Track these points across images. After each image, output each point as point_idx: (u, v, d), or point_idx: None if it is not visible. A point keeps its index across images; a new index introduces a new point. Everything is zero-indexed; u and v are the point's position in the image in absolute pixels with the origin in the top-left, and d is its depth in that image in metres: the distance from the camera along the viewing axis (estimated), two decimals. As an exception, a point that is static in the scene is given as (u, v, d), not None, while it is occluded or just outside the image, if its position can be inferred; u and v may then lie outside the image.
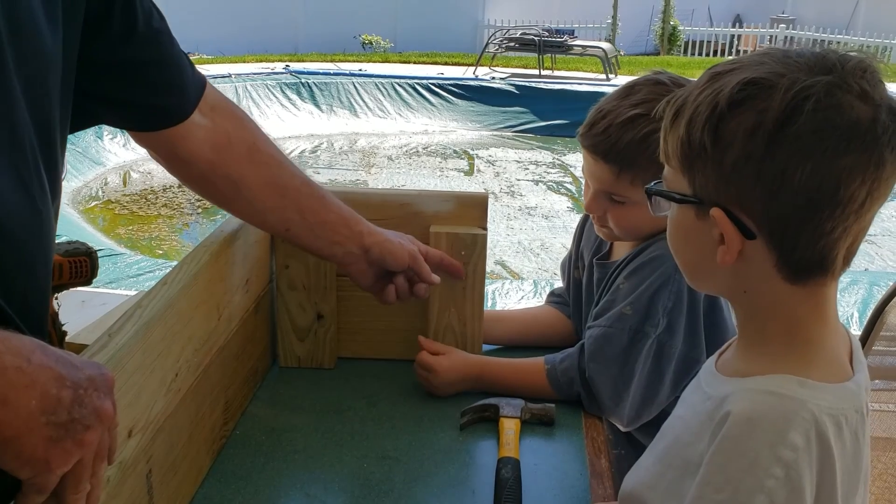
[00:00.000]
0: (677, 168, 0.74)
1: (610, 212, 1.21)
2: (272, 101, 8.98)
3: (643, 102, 1.14)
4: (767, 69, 0.68)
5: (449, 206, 1.29)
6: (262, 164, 1.08)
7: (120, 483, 0.78)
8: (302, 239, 1.15)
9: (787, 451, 0.66)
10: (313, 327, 1.32)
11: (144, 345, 0.83)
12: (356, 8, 13.09)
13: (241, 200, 1.08)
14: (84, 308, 1.58)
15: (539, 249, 5.34)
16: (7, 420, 0.55)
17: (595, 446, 1.13)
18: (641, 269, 1.18)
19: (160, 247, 5.31)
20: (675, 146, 0.73)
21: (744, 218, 0.69)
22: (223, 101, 1.07)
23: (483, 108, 9.35)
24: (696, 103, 0.71)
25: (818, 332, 0.73)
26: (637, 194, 1.16)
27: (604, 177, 1.18)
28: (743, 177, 0.68)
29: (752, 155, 0.67)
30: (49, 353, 0.59)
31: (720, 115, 0.68)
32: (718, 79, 0.71)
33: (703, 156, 0.70)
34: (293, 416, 1.20)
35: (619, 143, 1.14)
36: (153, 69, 0.94)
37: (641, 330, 1.16)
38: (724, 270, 0.73)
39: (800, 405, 0.67)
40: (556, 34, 11.03)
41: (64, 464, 0.59)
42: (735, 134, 0.68)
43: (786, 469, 0.65)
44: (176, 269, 0.98)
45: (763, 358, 0.73)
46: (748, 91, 0.68)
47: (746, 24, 15.44)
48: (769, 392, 0.69)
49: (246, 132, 1.08)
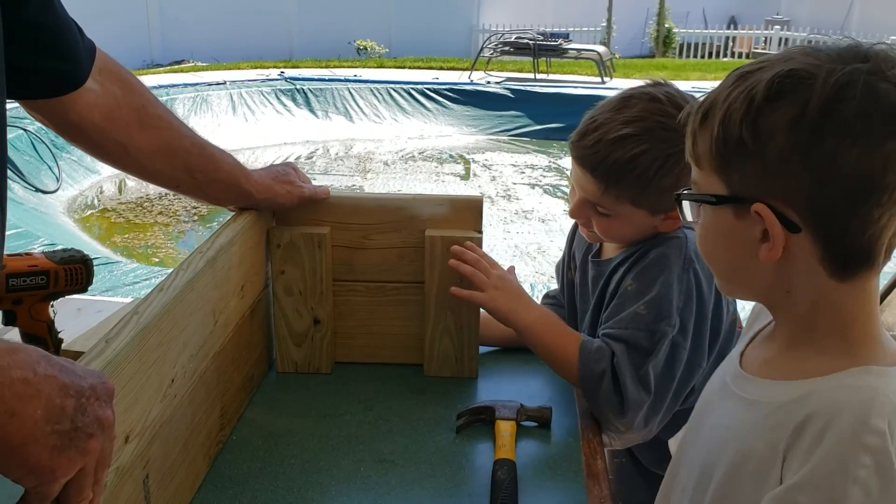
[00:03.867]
0: (710, 169, 0.73)
1: (595, 221, 1.22)
2: (267, 107, 8.98)
3: (636, 121, 1.14)
4: (799, 62, 0.68)
5: (444, 209, 1.29)
6: (152, 126, 1.10)
7: (117, 488, 0.79)
8: (192, 195, 1.22)
9: (871, 437, 0.65)
10: (310, 332, 1.32)
11: (141, 351, 0.84)
12: (350, 14, 13.10)
13: (131, 162, 1.12)
14: (80, 316, 1.57)
15: (536, 253, 5.34)
16: (14, 430, 0.56)
17: (591, 448, 1.13)
18: (650, 270, 1.18)
19: (156, 254, 5.31)
20: (708, 147, 0.72)
21: (788, 212, 0.69)
22: (111, 63, 1.07)
23: (478, 113, 9.36)
24: (727, 102, 0.71)
25: (871, 325, 0.73)
26: (621, 208, 1.17)
27: (590, 189, 1.19)
28: (789, 168, 0.67)
29: (798, 144, 0.67)
30: (53, 362, 0.60)
31: (758, 108, 0.68)
32: (748, 77, 0.71)
33: (742, 151, 0.69)
34: (290, 420, 1.20)
35: (607, 159, 1.14)
36: (48, 34, 0.94)
37: (658, 329, 1.15)
38: (765, 270, 0.72)
39: (874, 392, 0.67)
40: (550, 38, 11.05)
41: (68, 472, 0.60)
42: (777, 126, 0.68)
43: (874, 456, 0.64)
44: (172, 275, 0.99)
45: (823, 357, 0.72)
46: (785, 83, 0.68)
47: (741, 26, 15.49)
48: (843, 387, 0.69)
49: (135, 95, 1.09)
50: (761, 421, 0.73)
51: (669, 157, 1.11)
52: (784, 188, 0.68)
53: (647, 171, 1.13)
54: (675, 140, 1.12)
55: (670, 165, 1.12)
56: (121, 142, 1.08)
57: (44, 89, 0.98)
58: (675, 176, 1.12)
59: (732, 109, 0.70)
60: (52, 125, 1.04)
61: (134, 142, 1.09)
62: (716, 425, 0.81)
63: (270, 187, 1.24)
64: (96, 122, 1.04)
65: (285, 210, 1.28)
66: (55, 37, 0.95)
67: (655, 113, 1.13)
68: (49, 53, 0.95)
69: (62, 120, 1.03)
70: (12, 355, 0.57)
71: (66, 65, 0.98)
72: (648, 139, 1.13)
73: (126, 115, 1.07)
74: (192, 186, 1.17)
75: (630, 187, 1.15)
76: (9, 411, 0.55)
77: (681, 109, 1.13)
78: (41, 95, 0.99)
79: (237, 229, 1.17)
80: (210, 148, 1.18)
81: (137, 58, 11.13)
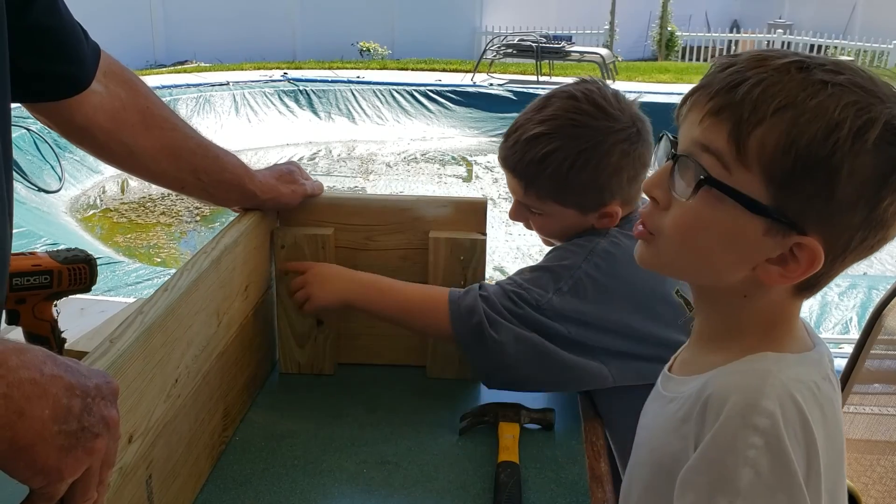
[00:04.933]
0: (757, 172, 0.65)
1: (531, 220, 1.25)
2: (270, 108, 9.00)
3: (549, 119, 1.16)
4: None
5: (448, 211, 1.29)
6: (157, 128, 1.11)
7: (120, 488, 0.79)
8: (196, 196, 1.21)
9: (761, 418, 0.65)
10: (313, 333, 1.32)
11: (145, 351, 0.83)
12: (353, 15, 13.12)
13: (136, 164, 1.12)
14: (83, 315, 1.57)
15: (537, 255, 5.33)
16: (23, 430, 0.56)
17: (594, 450, 1.13)
18: (553, 252, 1.22)
19: (158, 255, 5.31)
20: (773, 150, 0.64)
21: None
22: (115, 65, 1.08)
23: (481, 115, 9.37)
24: (828, 115, 0.62)
25: (792, 322, 0.74)
26: (549, 207, 1.20)
27: (515, 188, 1.22)
28: (853, 217, 0.65)
29: (870, 201, 0.65)
30: (59, 362, 0.60)
31: (861, 148, 0.62)
32: (831, 88, 0.63)
33: (815, 182, 0.63)
34: (293, 421, 1.20)
35: (523, 159, 1.17)
36: (54, 36, 0.94)
37: (532, 298, 1.13)
38: (739, 275, 0.70)
39: (767, 374, 0.67)
40: (553, 40, 11.07)
41: (75, 472, 0.60)
42: (866, 172, 0.63)
43: (764, 436, 0.64)
44: (176, 275, 0.99)
45: (736, 350, 0.72)
46: (886, 135, 0.63)
47: (744, 30, 15.49)
48: (737, 371, 0.69)
49: (139, 97, 1.10)
50: (673, 415, 0.74)
51: (581, 153, 1.14)
52: (834, 229, 0.66)
53: (560, 168, 1.15)
54: (587, 136, 1.15)
55: (582, 162, 1.14)
56: (126, 143, 1.08)
57: (49, 92, 0.98)
58: (590, 171, 1.15)
59: (836, 128, 0.62)
60: (57, 128, 1.04)
61: (139, 143, 1.09)
62: (644, 426, 0.82)
63: (275, 187, 1.24)
64: (101, 125, 1.04)
65: (290, 210, 1.28)
66: (60, 40, 0.95)
67: (570, 111, 1.16)
68: (54, 56, 0.95)
69: (67, 122, 1.03)
70: (20, 355, 0.57)
71: (72, 68, 0.98)
72: (559, 137, 1.15)
73: (131, 116, 1.07)
74: (197, 187, 1.18)
75: (546, 185, 1.17)
76: (17, 411, 0.55)
77: (598, 107, 1.16)
78: (47, 98, 0.99)
79: (242, 230, 1.17)
80: (214, 149, 1.18)
81: (140, 58, 11.15)
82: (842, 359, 1.53)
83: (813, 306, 3.58)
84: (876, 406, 1.57)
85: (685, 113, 0.71)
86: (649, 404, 0.83)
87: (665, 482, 0.71)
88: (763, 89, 0.64)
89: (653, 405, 0.82)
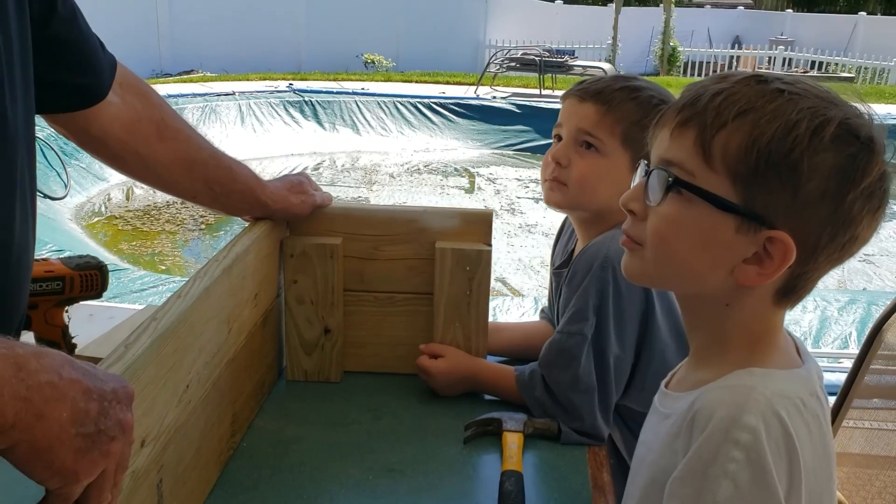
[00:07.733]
0: (723, 173, 0.68)
1: (575, 162, 1.21)
2: (275, 118, 9.04)
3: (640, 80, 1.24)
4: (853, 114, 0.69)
5: (454, 222, 1.31)
6: (171, 139, 1.13)
7: (132, 492, 0.80)
8: (209, 205, 1.24)
9: (742, 433, 0.66)
10: (320, 341, 1.33)
11: (158, 356, 0.85)
12: (359, 27, 13.19)
13: (150, 174, 1.14)
14: (92, 321, 1.59)
15: (539, 266, 5.35)
16: (42, 433, 0.57)
17: (597, 460, 1.14)
18: (576, 273, 1.21)
19: (163, 262, 5.33)
20: (736, 150, 0.68)
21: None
22: (130, 77, 1.10)
23: (484, 127, 9.41)
24: (786, 116, 0.67)
25: (776, 336, 0.75)
26: (611, 146, 1.19)
27: (588, 115, 1.20)
28: (819, 211, 0.67)
29: (836, 195, 0.67)
30: (77, 366, 0.61)
31: (819, 144, 0.66)
32: (786, 95, 0.67)
33: (779, 177, 0.67)
34: (299, 428, 1.21)
35: (611, 86, 1.20)
36: (73, 48, 0.96)
37: (580, 332, 1.18)
38: (720, 280, 0.72)
39: (750, 390, 0.69)
40: (556, 54, 11.12)
41: (91, 474, 0.61)
42: (826, 169, 0.67)
43: (745, 451, 0.66)
44: (189, 282, 1.00)
45: (724, 365, 0.74)
46: (845, 132, 0.67)
47: (745, 46, 15.55)
48: (723, 387, 0.71)
49: (154, 108, 1.12)
50: (667, 431, 0.75)
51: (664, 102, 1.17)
52: (803, 224, 0.68)
53: (648, 102, 1.18)
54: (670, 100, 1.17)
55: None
56: (140, 154, 1.10)
57: (68, 103, 1.00)
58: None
59: (794, 127, 0.66)
60: (74, 137, 1.07)
61: (153, 154, 1.11)
62: (642, 441, 0.84)
63: (286, 198, 1.26)
64: (117, 135, 1.06)
65: (300, 220, 1.31)
66: (79, 52, 0.97)
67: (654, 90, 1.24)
68: (73, 68, 0.97)
69: (84, 132, 1.05)
70: (39, 359, 0.58)
71: (90, 79, 1.00)
72: (652, 89, 1.22)
73: (146, 127, 1.10)
74: (210, 197, 1.20)
75: (629, 114, 1.18)
76: (37, 414, 0.56)
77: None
78: (65, 109, 1.01)
79: (253, 238, 1.18)
80: (227, 160, 1.20)
81: (146, 67, 11.19)
82: (841, 373, 1.54)
83: (812, 322, 3.59)
84: (875, 421, 1.58)
85: (657, 132, 0.75)
86: (648, 420, 0.85)
87: (659, 497, 0.73)
88: (724, 97, 0.69)
89: (651, 421, 0.83)
